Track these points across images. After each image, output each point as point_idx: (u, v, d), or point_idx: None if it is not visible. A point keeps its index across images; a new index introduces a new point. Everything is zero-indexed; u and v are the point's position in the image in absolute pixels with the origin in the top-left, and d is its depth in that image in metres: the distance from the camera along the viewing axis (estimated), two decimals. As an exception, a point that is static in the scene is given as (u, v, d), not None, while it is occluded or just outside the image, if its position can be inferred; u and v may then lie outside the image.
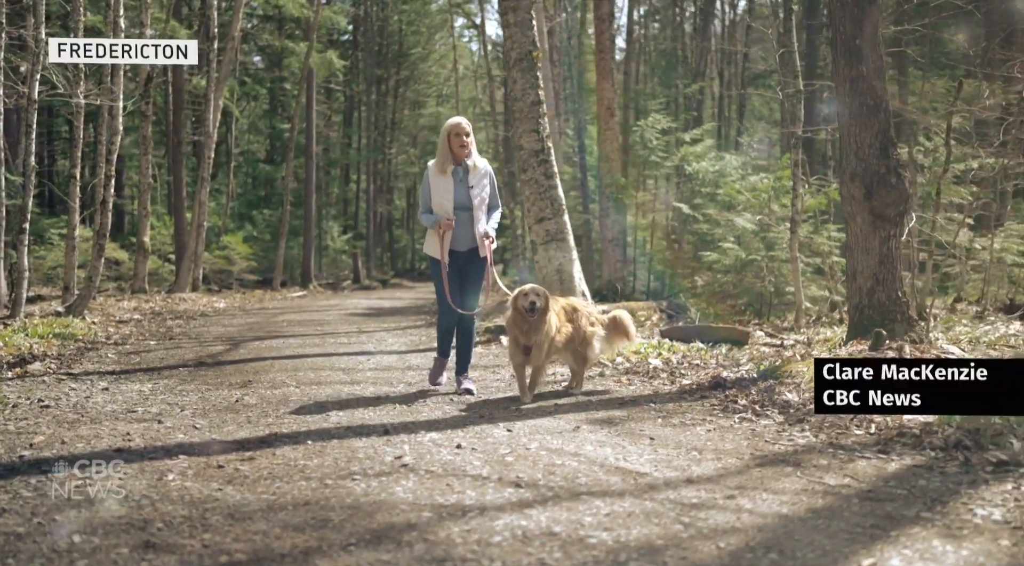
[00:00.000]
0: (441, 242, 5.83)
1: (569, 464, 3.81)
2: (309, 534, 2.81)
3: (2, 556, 2.61)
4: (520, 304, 5.47)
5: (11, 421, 4.70)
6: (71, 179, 13.04)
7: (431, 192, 5.90)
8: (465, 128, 5.88)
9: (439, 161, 5.89)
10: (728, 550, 2.67)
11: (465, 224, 5.89)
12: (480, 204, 5.91)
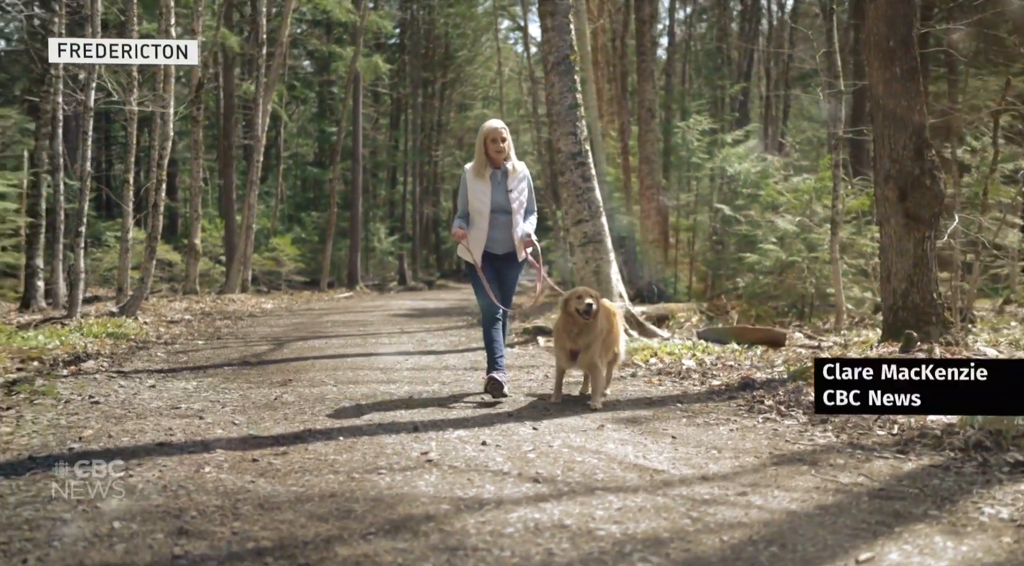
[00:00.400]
0: (471, 247, 5.84)
1: (589, 461, 3.91)
2: (332, 523, 2.96)
3: (49, 539, 2.80)
4: (573, 307, 5.36)
5: (63, 416, 4.96)
6: (125, 183, 13.49)
7: (468, 196, 5.88)
8: (501, 132, 5.83)
9: (476, 165, 5.87)
10: (731, 543, 2.75)
11: (503, 227, 5.85)
12: (519, 208, 5.86)
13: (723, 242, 15.75)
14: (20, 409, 5.09)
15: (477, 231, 5.83)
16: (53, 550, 2.70)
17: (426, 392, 6.07)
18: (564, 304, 5.47)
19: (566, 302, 5.45)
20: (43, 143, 14.94)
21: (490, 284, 5.83)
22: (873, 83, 7.06)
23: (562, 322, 5.50)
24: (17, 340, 8.58)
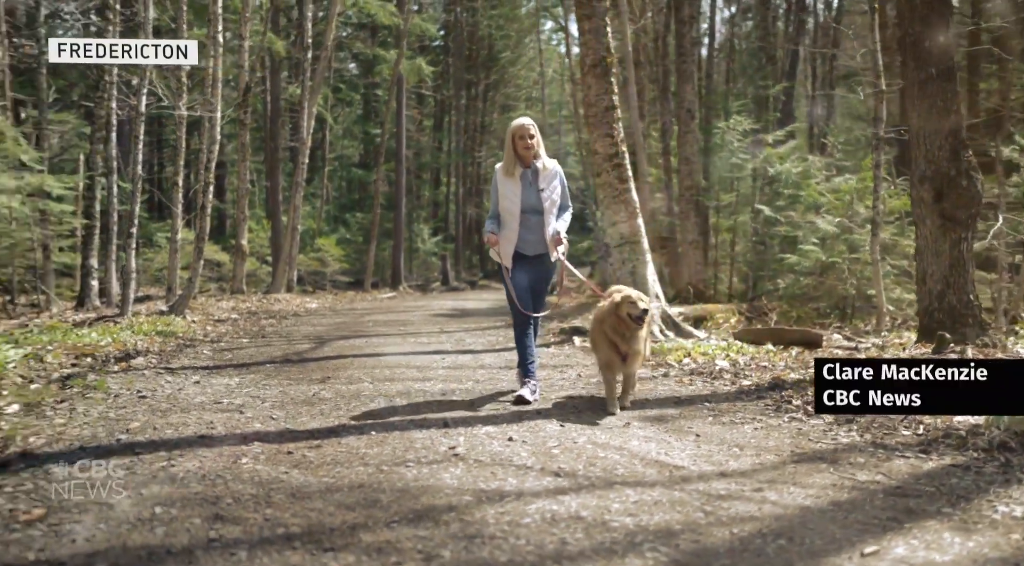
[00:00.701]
0: (501, 249, 5.74)
1: (611, 457, 4.02)
2: (359, 512, 3.11)
3: (96, 522, 2.99)
4: (626, 311, 5.15)
5: (112, 409, 5.20)
6: (174, 185, 13.90)
7: (499, 196, 5.75)
8: (529, 129, 5.67)
9: (506, 164, 5.71)
10: (740, 536, 2.84)
11: (535, 228, 5.70)
12: (551, 207, 5.70)
13: (764, 243, 15.66)
14: (73, 402, 5.35)
15: (508, 232, 5.69)
16: (99, 531, 2.88)
17: (459, 390, 6.21)
18: (615, 308, 5.23)
19: (618, 306, 5.22)
20: (97, 147, 15.45)
21: (521, 287, 5.71)
22: (908, 83, 7.04)
23: (612, 325, 5.25)
24: (72, 337, 8.90)
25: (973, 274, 7.03)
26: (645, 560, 2.63)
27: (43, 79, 15.96)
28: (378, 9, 29.65)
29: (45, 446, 4.15)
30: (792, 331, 9.35)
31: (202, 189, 13.34)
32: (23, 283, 14.94)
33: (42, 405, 5.21)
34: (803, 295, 13.10)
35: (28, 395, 5.49)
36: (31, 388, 5.77)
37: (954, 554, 2.67)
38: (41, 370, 6.59)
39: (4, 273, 14.42)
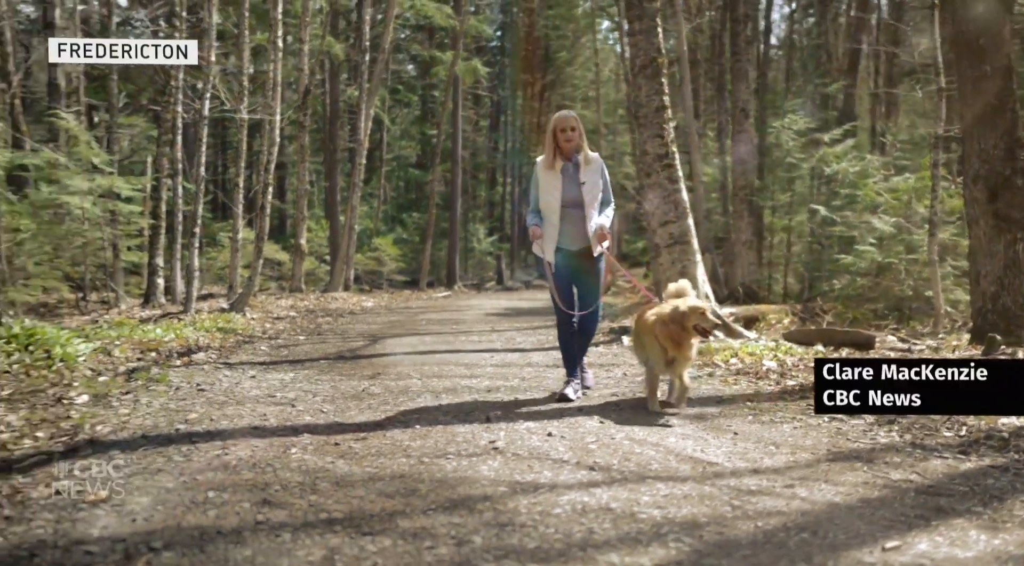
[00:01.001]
0: (544, 246, 5.69)
1: (647, 453, 4.10)
2: (398, 500, 3.26)
3: (154, 504, 3.20)
4: (694, 323, 5.00)
5: (173, 401, 5.46)
6: (235, 187, 14.32)
7: (539, 190, 5.71)
8: (571, 121, 5.61)
9: (547, 157, 5.67)
10: (764, 529, 2.92)
11: (576, 222, 5.63)
12: (592, 201, 5.62)
13: (820, 243, 15.48)
14: (137, 394, 5.63)
15: (549, 227, 5.66)
16: (156, 513, 3.09)
17: (505, 387, 6.34)
18: (680, 316, 5.02)
19: (684, 315, 5.02)
20: (164, 150, 15.98)
21: (563, 284, 5.71)
22: (962, 82, 6.95)
23: (669, 332, 5.08)
24: (138, 333, 9.29)
25: (1029, 275, 6.90)
26: (668, 550, 2.73)
27: (114, 85, 16.57)
28: (435, 11, 30.01)
29: (110, 434, 4.41)
30: (843, 332, 9.27)
31: (261, 190, 13.72)
32: (94, 281, 15.52)
33: (109, 396, 5.49)
34: (859, 296, 12.92)
35: (96, 387, 5.79)
36: (99, 380, 6.08)
37: (977, 551, 2.71)
38: (109, 364, 6.92)
39: (77, 271, 15.02)
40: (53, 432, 4.43)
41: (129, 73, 24.56)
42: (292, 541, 2.79)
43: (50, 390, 5.53)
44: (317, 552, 2.68)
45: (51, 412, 4.91)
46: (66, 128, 14.77)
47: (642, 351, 5.54)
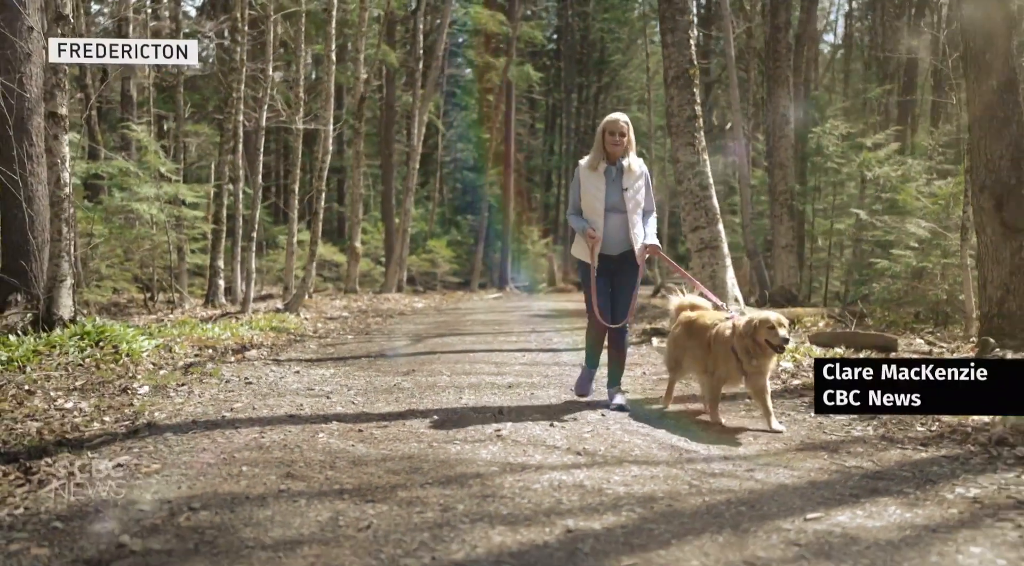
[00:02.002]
0: (593, 253, 5.59)
1: (634, 441, 4.56)
2: (402, 476, 3.79)
3: (197, 475, 3.78)
4: (764, 337, 4.84)
5: (222, 392, 6.10)
6: (291, 193, 15.11)
7: (581, 191, 5.64)
8: (622, 125, 5.52)
9: (592, 158, 5.61)
10: (710, 503, 3.37)
11: (617, 227, 5.57)
12: (634, 208, 5.57)
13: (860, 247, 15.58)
14: (191, 386, 6.28)
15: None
16: (198, 483, 3.67)
17: (526, 383, 6.83)
18: (752, 330, 4.87)
19: (754, 329, 4.86)
20: (226, 157, 16.88)
21: (602, 292, 5.64)
22: (970, 94, 7.20)
23: (743, 346, 4.92)
24: (198, 331, 10.02)
25: (1033, 281, 7.12)
26: (619, 517, 3.19)
27: (180, 96, 17.53)
28: (488, 18, 30.67)
29: (166, 420, 5.04)
30: (866, 335, 9.51)
31: (315, 196, 14.46)
32: (161, 282, 16.46)
33: (167, 387, 6.16)
34: (894, 300, 13.05)
35: (157, 379, 6.46)
36: (160, 373, 6.77)
37: (887, 522, 3.11)
38: (169, 359, 7.62)
39: (145, 273, 15.97)
40: (118, 417, 5.08)
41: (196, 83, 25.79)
42: (307, 506, 3.33)
43: (116, 381, 6.21)
44: (326, 514, 3.22)
45: (117, 400, 5.57)
46: (137, 139, 15.73)
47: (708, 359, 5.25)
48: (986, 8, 6.90)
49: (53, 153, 7.33)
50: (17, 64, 8.24)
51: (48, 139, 7.39)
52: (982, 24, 6.97)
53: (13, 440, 4.36)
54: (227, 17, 20.20)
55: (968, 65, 7.19)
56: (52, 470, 3.81)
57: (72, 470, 3.82)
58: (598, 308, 5.61)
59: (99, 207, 15.10)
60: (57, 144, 7.28)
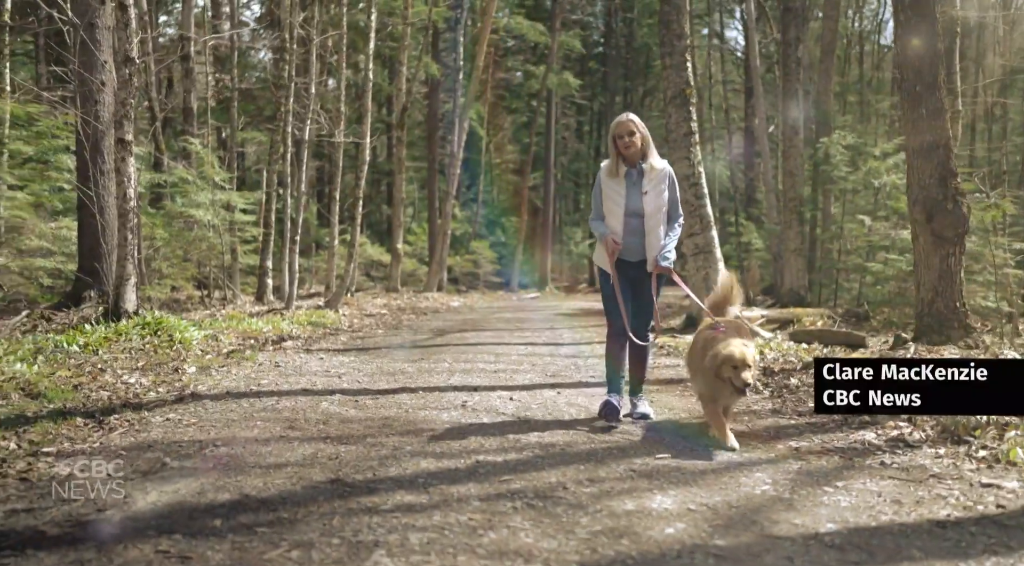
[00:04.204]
0: (611, 260, 5.39)
1: (570, 412, 5.71)
2: (375, 430, 5.01)
3: (223, 426, 5.05)
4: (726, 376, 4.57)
5: (254, 372, 7.41)
6: (332, 200, 16.52)
7: (602, 197, 5.45)
8: (629, 125, 5.30)
9: (610, 164, 5.43)
10: (593, 449, 4.50)
11: (637, 232, 5.34)
12: (655, 211, 5.32)
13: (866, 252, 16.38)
14: (229, 367, 7.61)
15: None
16: (224, 432, 4.93)
17: (510, 370, 8.00)
18: (717, 367, 4.61)
19: (719, 365, 4.61)
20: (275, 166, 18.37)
21: (624, 297, 5.40)
22: (905, 121, 8.15)
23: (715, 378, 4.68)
24: (244, 325, 11.41)
25: (960, 284, 8.03)
26: (520, 455, 4.35)
27: (235, 110, 19.07)
28: (528, 28, 31.86)
29: (206, 391, 6.35)
30: (837, 333, 10.45)
31: (354, 203, 15.83)
32: (216, 280, 18.00)
33: (210, 368, 7.49)
34: (887, 302, 13.87)
35: (202, 362, 7.81)
36: (205, 358, 8.12)
37: (714, 461, 4.22)
38: (215, 346, 8.98)
39: (202, 272, 17.53)
40: (169, 389, 6.40)
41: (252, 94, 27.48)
42: (297, 446, 4.56)
43: (170, 363, 7.57)
44: (309, 450, 4.45)
45: (169, 377, 6.91)
46: (195, 151, 17.29)
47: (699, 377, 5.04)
48: (915, 48, 7.86)
49: (121, 173, 8.75)
50: (92, 95, 9.71)
51: (117, 161, 8.83)
52: (912, 61, 7.93)
53: (90, 403, 5.69)
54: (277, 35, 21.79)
55: (903, 95, 8.15)
56: (118, 421, 5.12)
57: (133, 422, 5.13)
58: (624, 309, 5.36)
59: (161, 212, 16.68)
60: (125, 165, 8.70)
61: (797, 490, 3.73)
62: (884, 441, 4.68)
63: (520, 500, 3.50)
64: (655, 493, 3.63)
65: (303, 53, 18.11)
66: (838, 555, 2.89)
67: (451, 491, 3.64)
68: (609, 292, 5.45)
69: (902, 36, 8.03)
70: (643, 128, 5.35)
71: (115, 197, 9.26)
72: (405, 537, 3.02)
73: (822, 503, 3.52)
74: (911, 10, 7.87)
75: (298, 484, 3.74)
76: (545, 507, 3.40)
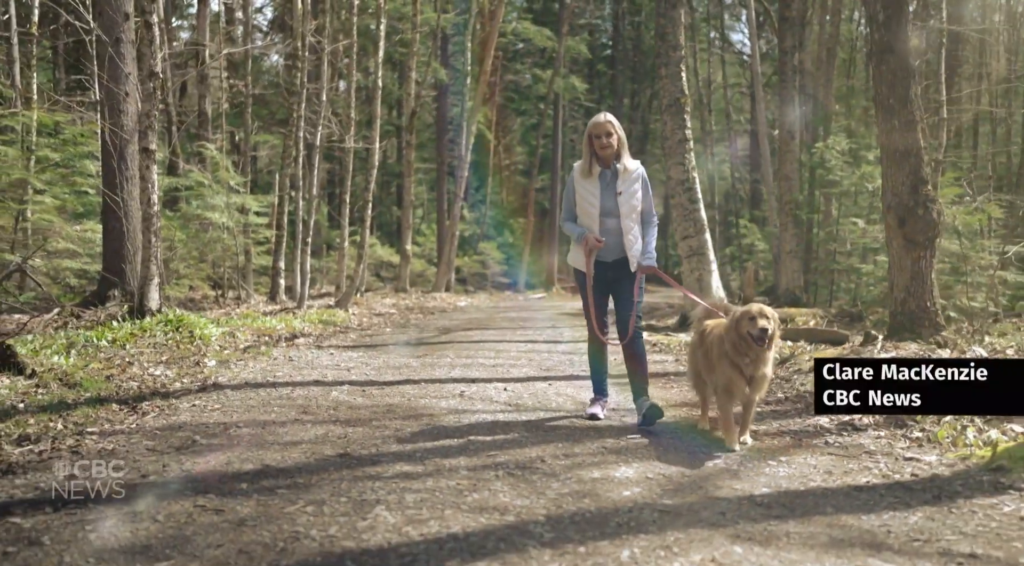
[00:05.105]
0: (588, 258, 5.40)
1: (557, 400, 6.27)
2: (379, 415, 5.57)
3: (244, 411, 5.62)
4: (745, 329, 4.60)
5: (269, 365, 8.00)
6: (342, 203, 17.12)
7: (575, 197, 5.45)
8: (607, 126, 5.28)
9: (583, 164, 5.42)
10: (574, 429, 5.06)
11: (613, 233, 5.36)
12: (630, 211, 5.34)
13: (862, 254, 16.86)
14: (247, 361, 8.20)
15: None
16: (245, 415, 5.51)
17: (510, 364, 8.56)
18: (735, 323, 4.65)
19: (736, 321, 4.65)
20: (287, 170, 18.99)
21: (600, 300, 5.48)
22: (880, 132, 8.66)
23: (733, 344, 4.67)
24: (258, 322, 12.01)
25: (931, 285, 8.54)
26: (508, 436, 4.91)
27: (248, 115, 19.70)
28: (535, 33, 32.44)
29: (226, 382, 6.93)
30: (823, 331, 10.97)
31: (363, 206, 16.43)
32: (230, 280, 18.64)
33: (229, 362, 8.08)
34: (877, 302, 14.35)
35: (222, 356, 8.40)
36: (224, 352, 8.71)
37: (687, 441, 4.77)
38: (232, 342, 9.58)
39: (217, 272, 18.16)
40: (192, 380, 6.99)
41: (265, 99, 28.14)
42: (310, 427, 5.14)
43: (191, 357, 8.16)
44: (321, 431, 5.02)
45: (191, 369, 7.50)
46: (210, 155, 17.93)
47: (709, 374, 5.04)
48: (889, 62, 8.37)
49: (145, 180, 9.36)
50: (117, 105, 10.32)
51: (142, 168, 9.43)
52: (886, 76, 8.44)
53: (122, 392, 6.28)
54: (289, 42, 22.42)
55: (877, 107, 8.66)
56: (150, 407, 5.71)
57: (163, 408, 5.72)
58: (596, 322, 5.44)
59: (178, 215, 17.32)
60: (149, 172, 9.30)
61: (745, 464, 4.28)
62: (835, 425, 5.23)
63: (502, 470, 4.06)
64: (620, 465, 4.19)
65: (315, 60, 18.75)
66: (764, 511, 3.43)
67: (444, 463, 4.20)
68: (586, 295, 5.49)
69: (876, 53, 8.55)
70: (620, 129, 5.35)
71: (139, 202, 9.87)
72: (402, 497, 3.58)
73: (763, 473, 4.07)
74: (884, 29, 8.39)
75: (312, 457, 4.31)
76: (523, 475, 3.97)
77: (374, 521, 3.24)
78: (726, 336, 4.70)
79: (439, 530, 3.14)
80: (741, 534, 3.13)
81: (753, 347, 4.58)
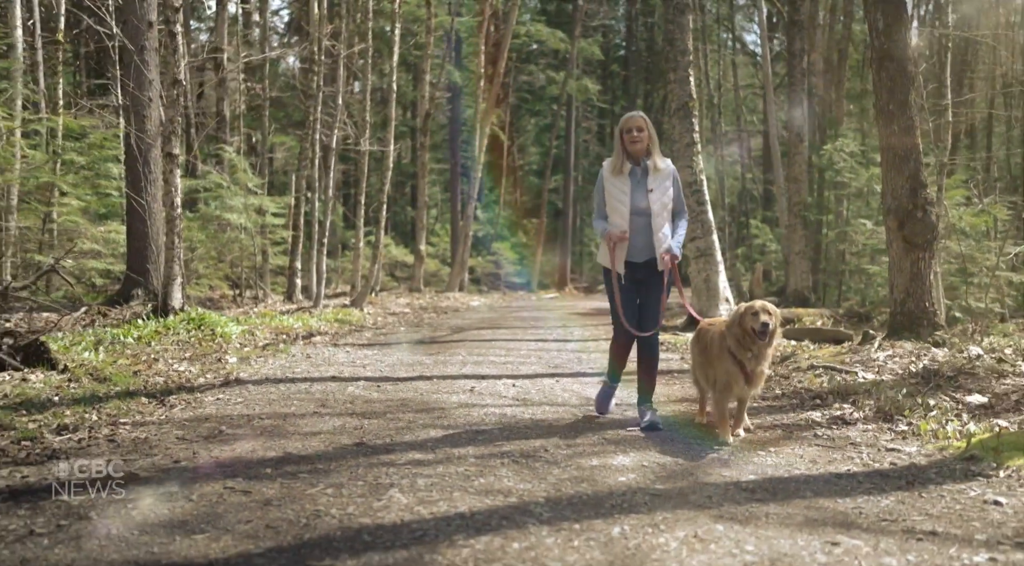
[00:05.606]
0: (613, 254, 5.36)
1: (563, 395, 6.55)
2: (393, 408, 5.88)
3: (265, 404, 5.94)
4: (748, 324, 4.78)
5: (288, 361, 8.32)
6: (357, 204, 17.46)
7: (605, 195, 5.44)
8: (639, 121, 5.32)
9: (614, 160, 5.41)
10: (574, 422, 5.34)
11: (643, 231, 5.29)
12: (661, 209, 5.30)
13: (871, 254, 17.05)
14: (266, 358, 8.53)
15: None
16: (265, 408, 5.83)
17: (520, 362, 8.85)
18: (739, 319, 4.84)
19: (740, 316, 4.85)
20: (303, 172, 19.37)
21: (628, 298, 5.42)
22: (880, 136, 8.90)
23: (737, 340, 4.84)
24: (276, 321, 12.35)
25: (930, 286, 8.76)
26: (513, 428, 5.20)
27: (266, 118, 20.08)
28: (548, 35, 32.71)
29: (247, 377, 7.26)
30: (826, 330, 11.21)
31: (377, 207, 16.76)
32: (248, 280, 19.02)
33: (249, 359, 8.41)
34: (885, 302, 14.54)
35: (242, 353, 8.74)
36: (244, 350, 9.05)
37: (684, 433, 5.04)
38: (252, 340, 9.91)
39: (235, 272, 18.55)
40: (215, 375, 7.32)
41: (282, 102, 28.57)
42: (328, 419, 5.45)
43: (213, 354, 8.49)
44: (338, 423, 5.33)
45: (214, 366, 7.83)
46: (228, 158, 18.32)
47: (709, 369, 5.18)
48: (889, 68, 8.61)
49: (168, 183, 9.72)
50: (142, 111, 10.68)
51: (165, 172, 9.79)
52: (885, 82, 8.68)
53: (150, 386, 6.62)
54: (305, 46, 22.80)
55: (878, 112, 8.90)
56: (176, 400, 6.04)
57: (189, 401, 6.05)
58: (624, 319, 5.37)
59: (197, 216, 17.71)
60: (172, 176, 9.66)
61: (736, 454, 4.55)
62: (826, 419, 5.49)
63: (508, 458, 4.35)
64: (618, 454, 4.48)
65: (330, 64, 19.10)
66: (748, 495, 3.71)
67: (453, 451, 4.50)
68: (614, 293, 5.41)
69: (877, 59, 8.78)
70: (651, 127, 5.37)
71: (162, 204, 10.22)
72: (414, 481, 3.88)
73: (752, 462, 4.35)
74: (884, 36, 8.63)
75: (330, 446, 4.62)
76: (527, 463, 4.26)
77: (388, 501, 3.54)
78: (728, 332, 4.90)
79: (447, 509, 3.43)
80: (724, 514, 3.40)
81: (756, 342, 4.74)
